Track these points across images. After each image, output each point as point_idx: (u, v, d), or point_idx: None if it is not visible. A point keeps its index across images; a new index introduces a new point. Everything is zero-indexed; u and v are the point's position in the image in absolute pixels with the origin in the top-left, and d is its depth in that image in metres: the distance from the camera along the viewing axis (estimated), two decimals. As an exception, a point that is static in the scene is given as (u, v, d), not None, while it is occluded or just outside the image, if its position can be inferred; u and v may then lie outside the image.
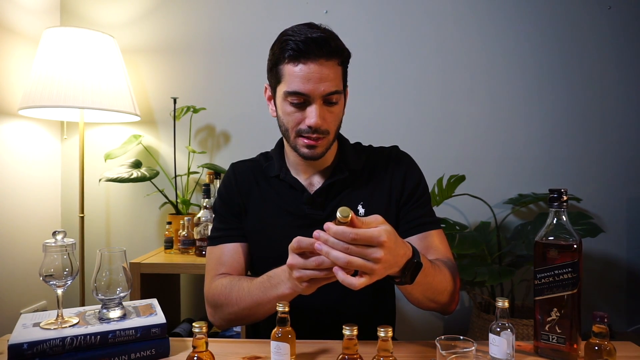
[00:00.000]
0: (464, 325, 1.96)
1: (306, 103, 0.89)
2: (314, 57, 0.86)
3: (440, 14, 1.99)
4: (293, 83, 0.87)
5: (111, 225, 2.05)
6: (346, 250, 0.66)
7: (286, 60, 0.88)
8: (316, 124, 0.88)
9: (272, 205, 1.00)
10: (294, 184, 0.99)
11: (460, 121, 1.99)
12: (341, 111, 0.96)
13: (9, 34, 1.72)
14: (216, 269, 0.99)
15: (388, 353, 0.66)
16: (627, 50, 1.95)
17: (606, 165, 1.96)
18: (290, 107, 0.90)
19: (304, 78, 0.86)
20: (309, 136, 0.90)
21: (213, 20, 2.03)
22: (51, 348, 0.73)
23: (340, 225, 0.67)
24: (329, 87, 0.88)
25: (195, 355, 0.70)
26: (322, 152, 0.94)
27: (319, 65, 0.86)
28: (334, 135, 0.95)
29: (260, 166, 1.05)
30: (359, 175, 1.01)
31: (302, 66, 0.86)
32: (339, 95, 0.91)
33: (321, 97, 0.88)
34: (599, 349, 0.72)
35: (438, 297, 0.87)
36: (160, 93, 2.03)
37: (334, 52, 0.89)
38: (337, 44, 0.90)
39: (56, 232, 0.80)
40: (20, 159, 1.79)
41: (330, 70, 0.88)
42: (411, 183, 1.01)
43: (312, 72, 0.86)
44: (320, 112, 0.89)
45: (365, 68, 2.00)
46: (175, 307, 1.98)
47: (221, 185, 1.08)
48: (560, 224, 0.79)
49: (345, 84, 0.98)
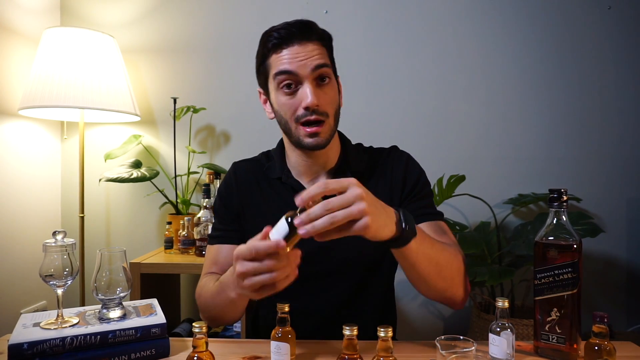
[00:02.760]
0: (464, 325, 1.96)
1: (298, 85, 0.89)
2: (296, 39, 0.88)
3: (440, 14, 1.99)
4: (280, 65, 0.89)
5: (111, 225, 2.05)
6: (328, 211, 0.64)
7: (270, 52, 0.90)
8: (312, 102, 0.87)
9: (273, 207, 0.99)
10: (296, 187, 0.98)
11: (460, 121, 1.99)
12: (336, 94, 0.94)
13: (9, 34, 1.72)
14: (209, 268, 1.00)
15: (388, 353, 0.66)
16: (626, 50, 1.95)
17: (606, 165, 1.96)
18: (283, 96, 0.90)
19: (290, 58, 0.88)
20: (309, 120, 0.89)
21: (213, 20, 2.03)
22: (51, 348, 0.73)
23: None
24: (317, 59, 0.88)
25: (195, 355, 0.70)
26: (326, 139, 0.91)
27: (303, 46, 0.88)
28: (333, 121, 0.93)
29: (261, 166, 1.04)
30: (360, 176, 1.00)
31: (286, 50, 0.88)
32: (329, 70, 0.91)
33: (311, 74, 0.88)
34: (599, 349, 0.72)
35: (445, 272, 0.83)
36: (160, 93, 2.03)
37: (315, 34, 0.90)
38: (317, 28, 0.92)
39: (56, 232, 0.80)
40: (20, 159, 1.79)
41: (314, 47, 0.89)
42: (411, 179, 1.00)
43: (297, 52, 0.88)
44: (314, 91, 0.88)
45: (365, 68, 2.00)
46: (175, 307, 1.98)
47: (222, 184, 1.07)
48: (560, 224, 0.79)
49: (334, 69, 0.97)
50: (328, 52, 0.94)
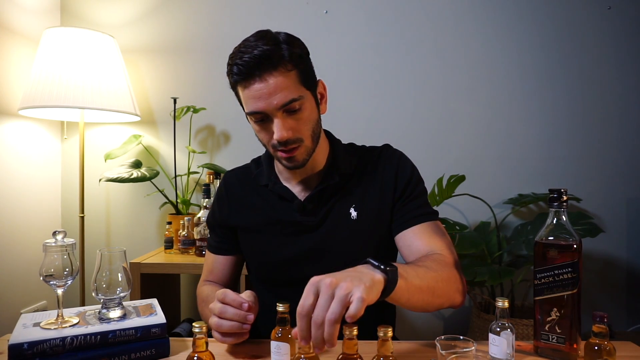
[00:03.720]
0: (464, 325, 1.96)
1: (269, 118, 0.88)
2: (257, 74, 0.84)
3: (440, 14, 1.99)
4: (249, 104, 0.87)
5: (111, 225, 2.05)
6: (320, 324, 0.61)
7: (237, 84, 0.88)
8: (281, 137, 0.86)
9: (262, 214, 1.01)
10: (284, 193, 0.99)
11: (460, 121, 1.99)
12: (311, 113, 0.91)
13: (9, 34, 1.72)
14: (206, 275, 1.10)
15: (388, 353, 0.66)
16: (626, 51, 1.95)
17: (606, 165, 1.96)
18: (256, 126, 0.91)
19: (255, 97, 0.85)
20: (283, 149, 0.89)
21: (213, 20, 2.03)
22: (51, 348, 0.73)
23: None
24: (283, 98, 0.84)
25: (195, 355, 0.70)
26: (303, 159, 0.92)
27: (265, 82, 0.84)
28: (311, 141, 0.91)
29: (250, 174, 1.06)
30: (349, 178, 1.00)
31: (250, 87, 0.85)
32: (299, 101, 0.86)
33: (279, 110, 0.86)
34: (599, 349, 0.72)
35: (439, 291, 0.81)
36: (160, 93, 2.03)
37: (279, 62, 0.84)
38: (280, 53, 0.84)
39: (56, 232, 0.80)
40: (20, 159, 1.80)
41: (279, 81, 0.84)
42: (403, 178, 0.99)
43: (261, 89, 0.84)
44: (284, 125, 0.86)
45: (364, 68, 2.00)
46: (175, 307, 1.98)
47: (214, 198, 1.12)
48: (560, 224, 0.79)
49: (311, 84, 0.91)
50: (299, 72, 0.87)
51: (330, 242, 0.97)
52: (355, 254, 0.97)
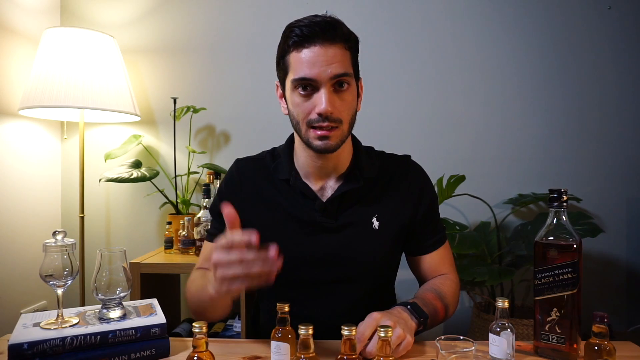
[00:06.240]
0: (464, 325, 1.96)
1: (314, 90, 0.85)
2: (319, 40, 0.83)
3: (440, 14, 1.99)
4: (299, 69, 0.84)
5: (111, 225, 2.05)
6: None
7: (291, 48, 0.85)
8: (326, 110, 0.83)
9: (279, 209, 0.96)
10: (305, 191, 0.94)
11: (460, 121, 1.99)
12: (354, 99, 0.90)
13: (9, 34, 1.72)
14: (201, 263, 1.02)
15: (388, 353, 0.66)
16: (626, 51, 1.95)
17: (605, 165, 1.96)
18: (298, 97, 0.86)
19: (310, 62, 0.83)
20: (320, 125, 0.85)
21: (213, 20, 2.02)
22: (51, 348, 0.73)
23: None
24: (337, 68, 0.83)
25: (195, 355, 0.69)
26: (336, 144, 0.87)
27: (324, 48, 0.83)
28: (348, 127, 0.89)
29: (266, 166, 1.00)
30: (373, 184, 0.97)
31: (307, 51, 0.83)
32: (348, 78, 0.86)
33: (329, 81, 0.84)
34: (599, 349, 0.72)
35: (445, 317, 0.97)
36: (160, 93, 2.03)
37: (339, 36, 0.85)
38: (342, 29, 0.86)
39: (56, 232, 0.80)
40: (20, 159, 1.79)
41: (336, 52, 0.84)
42: (427, 198, 1.00)
43: (318, 55, 0.83)
44: (330, 98, 0.83)
45: (364, 68, 1.98)
46: (175, 307, 1.98)
47: (223, 182, 1.04)
48: (560, 224, 0.79)
49: (357, 73, 0.92)
50: (352, 56, 0.89)
51: (348, 249, 0.95)
52: (371, 265, 0.97)
